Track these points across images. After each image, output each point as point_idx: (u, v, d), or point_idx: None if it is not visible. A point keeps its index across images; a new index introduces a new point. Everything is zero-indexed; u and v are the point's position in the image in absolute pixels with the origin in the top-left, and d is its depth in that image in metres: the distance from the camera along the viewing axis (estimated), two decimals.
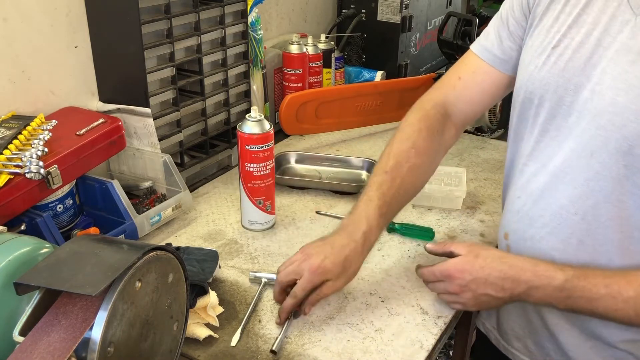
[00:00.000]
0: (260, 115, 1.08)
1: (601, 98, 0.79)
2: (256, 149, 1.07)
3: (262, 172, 1.10)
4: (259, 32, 1.42)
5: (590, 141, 0.80)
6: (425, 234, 1.13)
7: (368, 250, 0.91)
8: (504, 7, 0.97)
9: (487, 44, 0.99)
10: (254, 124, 1.07)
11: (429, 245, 0.96)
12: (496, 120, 1.61)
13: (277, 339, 0.86)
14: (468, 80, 1.01)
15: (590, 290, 0.80)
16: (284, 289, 0.91)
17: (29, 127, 1.02)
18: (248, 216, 1.14)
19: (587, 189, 0.82)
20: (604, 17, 0.80)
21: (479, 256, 0.87)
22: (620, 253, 0.83)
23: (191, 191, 1.25)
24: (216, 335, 0.88)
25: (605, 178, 0.80)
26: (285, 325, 0.89)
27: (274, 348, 0.85)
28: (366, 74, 1.75)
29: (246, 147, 1.08)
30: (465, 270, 0.87)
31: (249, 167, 1.09)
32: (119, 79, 1.20)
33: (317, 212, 1.22)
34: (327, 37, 1.66)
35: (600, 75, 0.79)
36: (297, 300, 0.89)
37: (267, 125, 1.08)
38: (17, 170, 0.93)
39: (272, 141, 1.09)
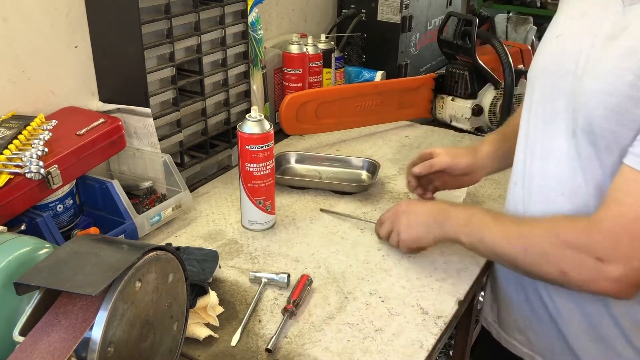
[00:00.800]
0: (260, 115, 1.08)
1: (579, 82, 0.83)
2: (256, 149, 1.07)
3: (262, 172, 1.10)
4: (259, 32, 1.42)
5: (571, 123, 0.85)
6: None
7: (477, 156, 1.13)
8: None
9: None
10: (254, 124, 1.07)
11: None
12: (496, 120, 1.61)
13: (272, 337, 0.86)
14: None
15: (484, 219, 0.90)
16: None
17: (29, 127, 1.02)
18: (248, 216, 1.14)
19: (572, 170, 0.86)
20: (598, 8, 0.85)
21: None
22: None
23: (191, 191, 1.25)
24: (216, 335, 0.88)
25: (583, 158, 0.84)
26: (281, 325, 0.89)
27: (269, 346, 0.85)
28: (366, 74, 1.75)
29: (246, 147, 1.08)
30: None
31: (249, 167, 1.09)
32: (119, 79, 1.20)
33: (322, 210, 1.22)
34: (327, 37, 1.66)
35: (585, 61, 0.83)
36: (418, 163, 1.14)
37: (267, 125, 1.08)
38: (17, 170, 0.93)
39: (272, 141, 1.09)
